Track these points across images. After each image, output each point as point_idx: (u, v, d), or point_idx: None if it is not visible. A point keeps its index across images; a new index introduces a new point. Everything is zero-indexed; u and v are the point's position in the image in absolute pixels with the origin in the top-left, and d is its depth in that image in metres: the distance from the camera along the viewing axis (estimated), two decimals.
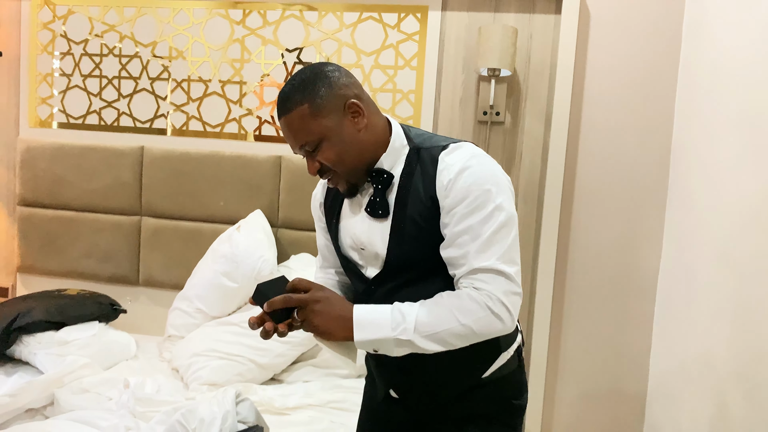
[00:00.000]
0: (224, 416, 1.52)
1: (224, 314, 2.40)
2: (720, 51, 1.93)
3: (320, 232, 1.47)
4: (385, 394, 1.41)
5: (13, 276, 2.85)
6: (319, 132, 1.20)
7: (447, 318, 1.14)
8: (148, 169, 2.65)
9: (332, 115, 1.21)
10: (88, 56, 2.73)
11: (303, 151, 1.23)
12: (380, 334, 1.14)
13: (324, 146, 1.21)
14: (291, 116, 1.20)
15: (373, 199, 1.26)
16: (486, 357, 1.31)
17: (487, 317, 1.14)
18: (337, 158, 1.22)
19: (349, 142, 1.22)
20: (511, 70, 2.30)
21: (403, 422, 1.41)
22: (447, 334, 1.14)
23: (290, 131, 1.21)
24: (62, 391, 1.88)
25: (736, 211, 1.70)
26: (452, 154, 1.21)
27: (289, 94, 1.21)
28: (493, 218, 1.16)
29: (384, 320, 1.14)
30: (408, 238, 1.22)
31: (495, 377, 1.32)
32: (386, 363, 1.33)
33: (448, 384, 1.33)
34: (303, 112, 1.19)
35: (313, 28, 2.55)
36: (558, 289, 2.44)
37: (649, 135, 2.34)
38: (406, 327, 1.13)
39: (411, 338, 1.13)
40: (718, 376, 1.73)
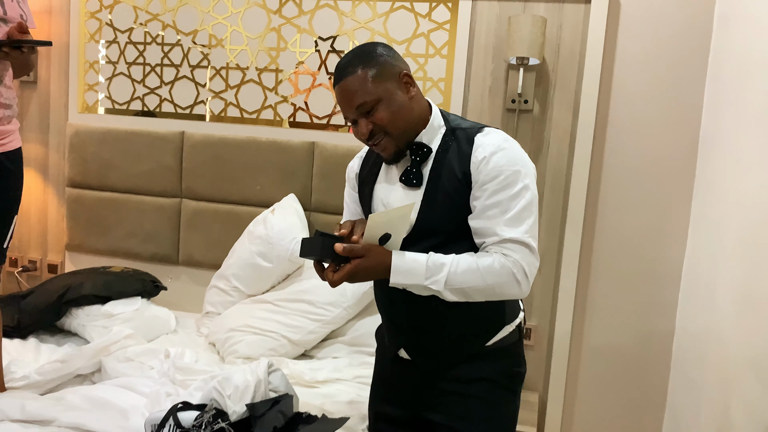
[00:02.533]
0: (257, 384, 1.62)
1: (259, 292, 2.51)
2: (749, 44, 1.94)
3: (349, 199, 1.62)
4: (394, 354, 1.53)
5: (62, 253, 3.01)
6: (377, 93, 1.35)
7: (475, 276, 1.31)
8: (188, 153, 2.77)
9: (388, 82, 1.37)
10: (132, 44, 2.86)
11: (357, 114, 1.37)
12: (413, 281, 1.32)
13: (380, 108, 1.35)
14: (351, 79, 1.35)
15: (409, 169, 1.41)
16: (491, 327, 1.46)
17: (510, 282, 1.31)
18: (391, 120, 1.36)
19: (402, 108, 1.37)
20: (540, 59, 2.34)
21: (412, 383, 1.52)
22: (471, 290, 1.32)
23: (349, 93, 1.36)
24: (108, 359, 2.02)
25: (760, 202, 1.72)
26: (488, 136, 1.37)
27: (350, 61, 1.37)
28: (521, 196, 1.32)
29: (419, 270, 1.32)
30: (438, 207, 1.37)
31: (497, 347, 1.47)
32: (399, 324, 1.49)
33: (454, 346, 1.46)
34: (363, 75, 1.35)
35: (347, 18, 2.62)
36: (582, 276, 2.48)
37: (677, 126, 2.36)
38: (438, 279, 1.31)
39: (440, 289, 1.31)
40: (737, 364, 1.77)
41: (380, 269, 1.32)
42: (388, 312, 1.54)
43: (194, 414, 1.57)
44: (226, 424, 1.54)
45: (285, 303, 2.38)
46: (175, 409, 1.57)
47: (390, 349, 1.56)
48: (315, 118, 2.70)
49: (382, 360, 1.64)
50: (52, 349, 2.26)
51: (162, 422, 1.54)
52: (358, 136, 1.40)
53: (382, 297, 1.54)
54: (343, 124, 2.67)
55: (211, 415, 1.56)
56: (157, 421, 1.55)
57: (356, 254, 1.30)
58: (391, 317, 1.54)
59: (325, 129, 2.69)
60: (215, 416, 1.56)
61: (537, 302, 2.52)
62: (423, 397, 1.50)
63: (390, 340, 1.56)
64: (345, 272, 1.30)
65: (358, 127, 1.39)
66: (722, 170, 2.07)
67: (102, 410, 1.71)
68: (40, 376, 1.93)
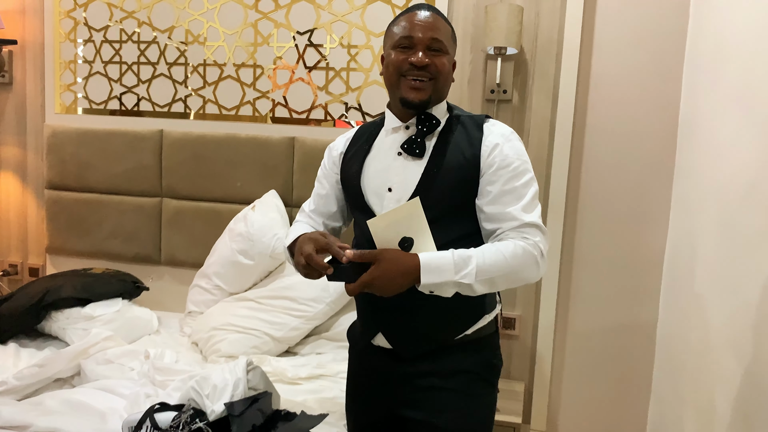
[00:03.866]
0: (235, 383, 1.60)
1: (241, 290, 2.49)
2: (724, 26, 1.93)
3: (324, 181, 1.62)
4: (368, 344, 1.50)
5: (43, 256, 2.98)
6: (448, 48, 1.43)
7: (502, 264, 1.30)
8: (167, 152, 2.74)
9: (453, 53, 1.47)
10: (108, 43, 2.82)
11: (425, 42, 1.39)
12: (444, 278, 1.28)
13: (443, 57, 1.41)
14: (438, 19, 1.42)
15: (413, 138, 1.42)
16: (471, 315, 1.45)
17: (532, 264, 1.33)
18: (441, 71, 1.41)
19: (448, 77, 1.45)
20: (518, 48, 2.33)
21: (388, 378, 1.49)
22: (498, 278, 1.31)
23: (431, 24, 1.40)
24: (87, 362, 2.00)
25: (736, 184, 1.72)
26: (496, 126, 1.44)
27: (441, 14, 1.45)
28: (531, 186, 1.39)
29: (447, 266, 1.28)
30: (438, 182, 1.39)
31: (475, 337, 1.46)
32: (381, 307, 1.44)
33: (435, 331, 1.45)
34: (448, 28, 1.45)
35: (323, 11, 2.59)
36: (565, 265, 2.47)
37: (657, 111, 2.35)
38: (468, 272, 1.28)
39: (471, 282, 1.29)
40: (717, 348, 1.76)
41: (404, 270, 1.27)
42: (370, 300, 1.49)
43: (172, 414, 1.55)
44: (204, 423, 1.52)
45: (267, 300, 2.37)
46: (152, 410, 1.56)
47: (364, 336, 1.52)
48: (294, 113, 2.68)
49: (356, 358, 1.62)
50: (32, 353, 2.24)
51: (139, 424, 1.52)
52: (402, 62, 1.40)
53: None
54: (323, 119, 2.65)
55: (188, 415, 1.54)
56: (134, 423, 1.53)
57: (367, 258, 1.27)
58: (369, 297, 1.47)
59: (305, 124, 2.66)
60: (193, 416, 1.54)
61: (520, 292, 2.51)
62: (398, 394, 1.48)
63: (365, 325, 1.53)
64: (361, 281, 1.26)
65: (417, 53, 1.39)
66: (701, 154, 2.07)
67: (80, 414, 1.69)
68: (18, 381, 1.90)
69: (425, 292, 1.30)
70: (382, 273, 1.26)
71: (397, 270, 1.27)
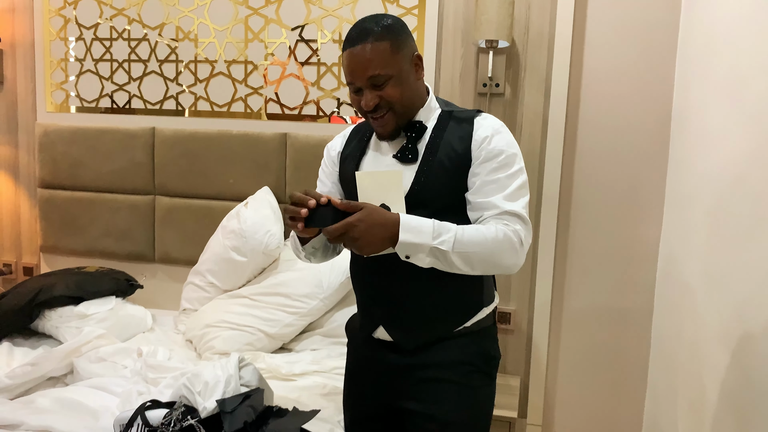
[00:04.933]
0: (227, 380, 1.60)
1: (235, 287, 2.48)
2: (715, 18, 1.93)
3: (327, 180, 1.61)
4: (368, 336, 1.52)
5: (37, 255, 2.98)
6: (393, 69, 1.35)
7: (480, 242, 1.30)
8: (159, 149, 2.74)
9: (405, 60, 1.38)
10: (98, 41, 2.81)
11: (367, 84, 1.36)
12: (421, 240, 1.28)
13: (391, 83, 1.36)
14: (371, 47, 1.34)
15: (405, 146, 1.43)
16: (470, 307, 1.47)
17: (510, 249, 1.33)
18: (399, 96, 1.37)
19: (410, 87, 1.40)
20: (509, 41, 2.32)
21: (387, 370, 1.50)
22: (475, 257, 1.31)
23: (365, 61, 1.34)
24: (80, 360, 1.99)
25: (725, 175, 1.71)
26: (486, 119, 1.43)
27: (372, 28, 1.35)
28: (517, 177, 1.39)
29: (426, 228, 1.29)
30: (432, 179, 1.39)
31: (474, 329, 1.48)
32: (379, 297, 1.48)
33: (435, 323, 1.46)
34: (384, 47, 1.34)
35: (314, 6, 2.58)
36: (560, 258, 2.47)
37: (650, 103, 2.34)
38: (446, 240, 1.29)
39: (448, 250, 1.29)
40: (708, 339, 1.76)
41: (384, 222, 1.27)
42: (366, 284, 1.53)
43: (163, 412, 1.55)
44: (195, 420, 1.52)
45: (261, 297, 2.36)
46: (143, 408, 1.55)
47: (364, 329, 1.54)
48: (286, 109, 2.67)
49: (354, 352, 1.63)
50: (25, 352, 2.23)
51: (130, 422, 1.52)
52: (358, 106, 1.40)
53: (361, 270, 1.53)
54: (316, 114, 2.64)
55: (180, 412, 1.54)
56: (125, 420, 1.53)
57: (355, 207, 1.27)
58: (370, 290, 1.53)
59: (298, 120, 2.66)
60: (184, 413, 1.53)
61: (515, 285, 2.51)
62: (398, 386, 1.49)
63: (365, 318, 1.54)
64: (344, 222, 1.25)
65: (363, 97, 1.37)
66: (693, 145, 2.06)
67: (72, 412, 1.68)
68: (11, 380, 1.90)
69: (401, 257, 1.30)
70: (364, 217, 1.25)
71: (378, 220, 1.26)
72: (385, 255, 1.34)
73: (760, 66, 1.53)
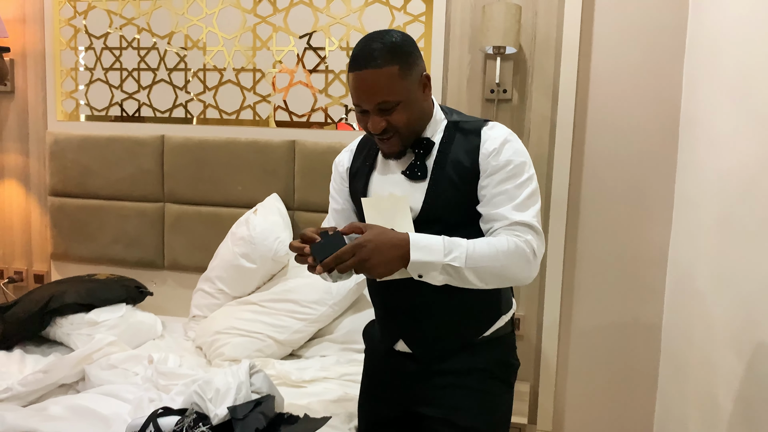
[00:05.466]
0: (238, 387, 1.60)
1: (244, 294, 2.49)
2: (723, 20, 1.93)
3: (336, 194, 1.59)
4: (389, 348, 1.52)
5: (47, 263, 2.99)
6: (402, 95, 1.32)
7: (491, 255, 1.28)
8: (168, 157, 2.75)
9: (413, 83, 1.35)
10: (108, 50, 2.83)
11: (374, 109, 1.33)
12: (433, 258, 1.25)
13: (399, 108, 1.33)
14: (378, 72, 1.29)
15: (414, 163, 1.41)
16: (488, 317, 1.48)
17: (522, 261, 1.30)
18: (407, 121, 1.35)
19: (418, 109, 1.37)
20: (516, 47, 2.32)
21: (405, 377, 1.50)
22: (487, 270, 1.28)
23: (372, 87, 1.31)
24: (91, 367, 2.00)
25: (735, 179, 1.71)
26: (494, 130, 1.40)
27: (379, 52, 1.30)
28: (527, 186, 1.37)
29: (437, 246, 1.26)
30: (442, 196, 1.38)
31: (493, 337, 1.48)
32: (397, 312, 1.48)
33: (452, 335, 1.46)
34: (393, 72, 1.30)
35: (322, 14, 2.60)
36: (568, 263, 2.47)
37: (658, 107, 2.34)
38: (458, 256, 1.26)
39: (461, 266, 1.26)
40: (719, 345, 1.76)
41: (394, 241, 1.24)
42: (384, 300, 1.52)
43: (175, 419, 1.55)
44: (207, 427, 1.52)
45: (270, 303, 2.37)
46: (155, 415, 1.56)
47: (385, 341, 1.54)
48: (295, 116, 2.68)
49: (373, 357, 1.63)
50: (37, 359, 2.24)
51: (142, 429, 1.53)
52: (366, 128, 1.38)
53: (378, 286, 1.51)
54: (324, 121, 2.65)
55: (191, 419, 1.55)
56: (137, 427, 1.53)
57: (361, 228, 1.26)
58: (388, 305, 1.52)
59: (306, 127, 2.67)
60: (196, 420, 1.54)
61: (524, 291, 2.51)
62: (416, 392, 1.49)
63: (385, 332, 1.55)
64: (353, 243, 1.22)
65: (370, 121, 1.35)
66: (701, 148, 2.06)
67: (83, 419, 1.69)
68: (23, 387, 1.91)
69: (414, 277, 1.27)
70: (372, 237, 1.23)
71: (388, 240, 1.24)
72: None
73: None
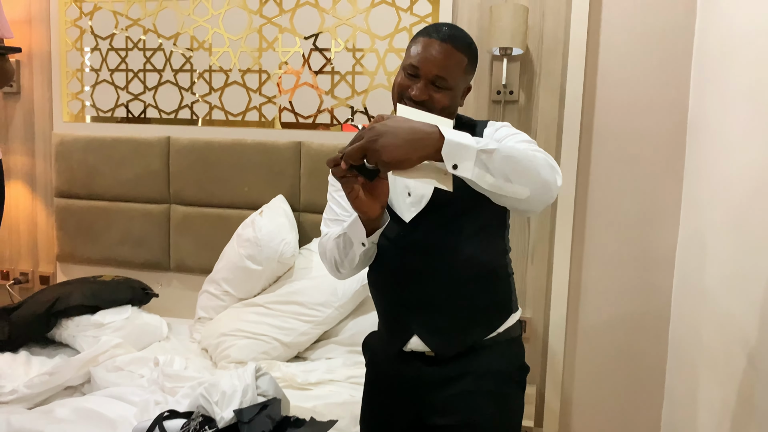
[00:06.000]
0: (244, 389, 1.60)
1: (250, 295, 2.49)
2: (731, 22, 1.91)
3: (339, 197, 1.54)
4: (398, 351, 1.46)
5: (53, 264, 3.00)
6: (455, 83, 1.36)
7: (518, 148, 1.20)
8: (174, 158, 2.75)
9: (465, 82, 1.41)
10: (114, 51, 2.83)
11: (427, 76, 1.34)
12: (467, 141, 1.13)
13: (446, 93, 1.36)
14: (454, 51, 1.35)
15: None
16: (502, 310, 1.47)
17: (544, 163, 1.22)
18: (438, 107, 1.35)
19: (455, 106, 1.41)
20: (523, 48, 2.31)
21: (416, 383, 1.45)
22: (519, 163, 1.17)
23: (443, 60, 1.34)
24: (97, 369, 2.00)
25: (746, 181, 1.70)
26: (495, 124, 1.45)
27: (462, 39, 1.37)
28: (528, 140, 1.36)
29: (467, 136, 1.16)
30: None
31: (504, 338, 1.46)
32: (414, 306, 1.44)
33: (471, 327, 1.44)
34: (462, 60, 1.37)
35: (328, 15, 2.59)
36: (575, 265, 2.45)
37: (665, 108, 2.33)
38: (489, 142, 1.16)
39: (496, 148, 1.15)
40: (729, 346, 1.74)
41: (419, 126, 1.14)
42: (396, 292, 1.47)
43: (181, 422, 1.55)
44: (213, 430, 1.52)
45: (276, 305, 2.36)
46: (161, 417, 1.55)
47: (394, 343, 1.48)
48: (300, 117, 2.67)
49: (377, 368, 1.57)
50: (42, 361, 2.24)
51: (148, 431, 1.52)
52: (404, 87, 1.36)
53: (388, 280, 1.47)
54: (330, 123, 2.64)
55: (198, 422, 1.54)
56: (143, 430, 1.53)
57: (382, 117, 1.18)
58: (400, 299, 1.47)
59: (312, 128, 2.66)
60: (202, 423, 1.54)
61: (530, 293, 2.50)
62: (430, 401, 1.44)
63: (395, 332, 1.48)
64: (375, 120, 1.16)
65: (416, 86, 1.34)
66: (710, 151, 2.04)
67: (90, 421, 1.69)
68: (29, 390, 1.91)
69: (448, 165, 1.13)
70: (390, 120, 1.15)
71: (408, 125, 1.14)
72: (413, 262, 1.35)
73: None
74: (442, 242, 1.41)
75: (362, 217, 1.31)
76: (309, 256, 2.50)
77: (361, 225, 1.33)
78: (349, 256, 1.42)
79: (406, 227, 1.43)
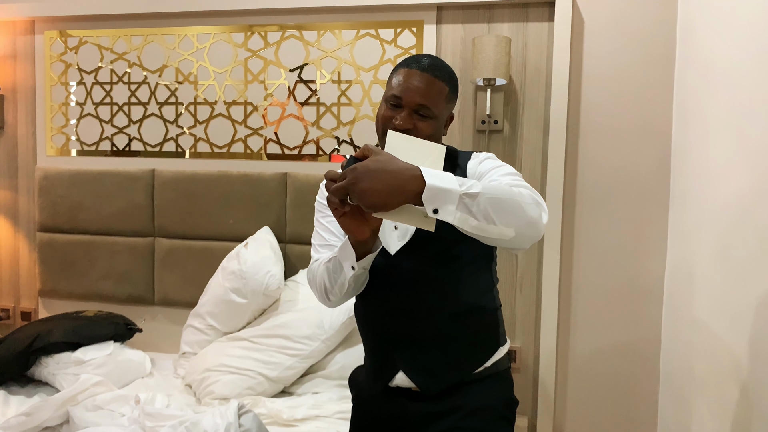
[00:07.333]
0: (227, 428, 1.56)
1: (235, 329, 2.45)
2: (711, 51, 1.94)
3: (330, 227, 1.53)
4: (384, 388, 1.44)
5: (35, 300, 2.94)
6: (438, 112, 1.39)
7: (501, 188, 1.19)
8: (159, 191, 2.73)
9: (447, 111, 1.43)
10: (99, 85, 2.83)
11: (410, 105, 1.36)
12: (449, 185, 1.12)
13: (429, 122, 1.38)
14: (435, 81, 1.37)
15: None
16: (489, 344, 1.45)
17: (529, 200, 1.20)
18: (429, 136, 1.35)
19: (439, 134, 1.43)
20: (507, 78, 2.33)
21: (404, 423, 1.42)
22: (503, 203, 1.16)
23: (425, 90, 1.36)
24: (76, 409, 1.94)
25: (732, 209, 1.70)
26: (479, 156, 1.46)
27: (442, 69, 1.40)
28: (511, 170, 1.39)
29: (450, 177, 1.14)
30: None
31: (492, 372, 1.44)
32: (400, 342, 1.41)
33: (458, 363, 1.42)
34: (444, 89, 1.39)
35: (313, 47, 2.61)
36: (564, 295, 2.44)
37: (649, 137, 2.34)
38: (474, 184, 1.14)
39: (479, 191, 1.13)
40: (720, 376, 1.72)
41: (400, 169, 1.11)
42: (382, 327, 1.45)
43: None
44: None
45: (261, 339, 2.32)
46: None
47: (380, 379, 1.45)
48: (286, 148, 2.67)
49: (363, 406, 1.55)
50: (21, 400, 2.18)
51: None
52: (387, 118, 1.37)
53: (374, 313, 1.45)
54: (316, 153, 2.64)
55: None
56: None
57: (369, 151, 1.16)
58: (386, 333, 1.44)
59: (297, 159, 2.66)
60: None
61: (520, 323, 2.47)
62: None
63: (380, 368, 1.46)
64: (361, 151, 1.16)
65: (400, 115, 1.36)
66: (695, 179, 2.05)
67: None
68: (5, 431, 1.85)
69: (429, 210, 1.12)
70: (371, 163, 1.12)
71: (391, 168, 1.11)
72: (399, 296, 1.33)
73: (762, 99, 1.53)
74: (428, 276, 1.39)
75: (351, 239, 1.29)
76: (295, 288, 2.47)
77: (350, 247, 1.31)
78: (339, 281, 1.38)
79: (391, 259, 1.41)
